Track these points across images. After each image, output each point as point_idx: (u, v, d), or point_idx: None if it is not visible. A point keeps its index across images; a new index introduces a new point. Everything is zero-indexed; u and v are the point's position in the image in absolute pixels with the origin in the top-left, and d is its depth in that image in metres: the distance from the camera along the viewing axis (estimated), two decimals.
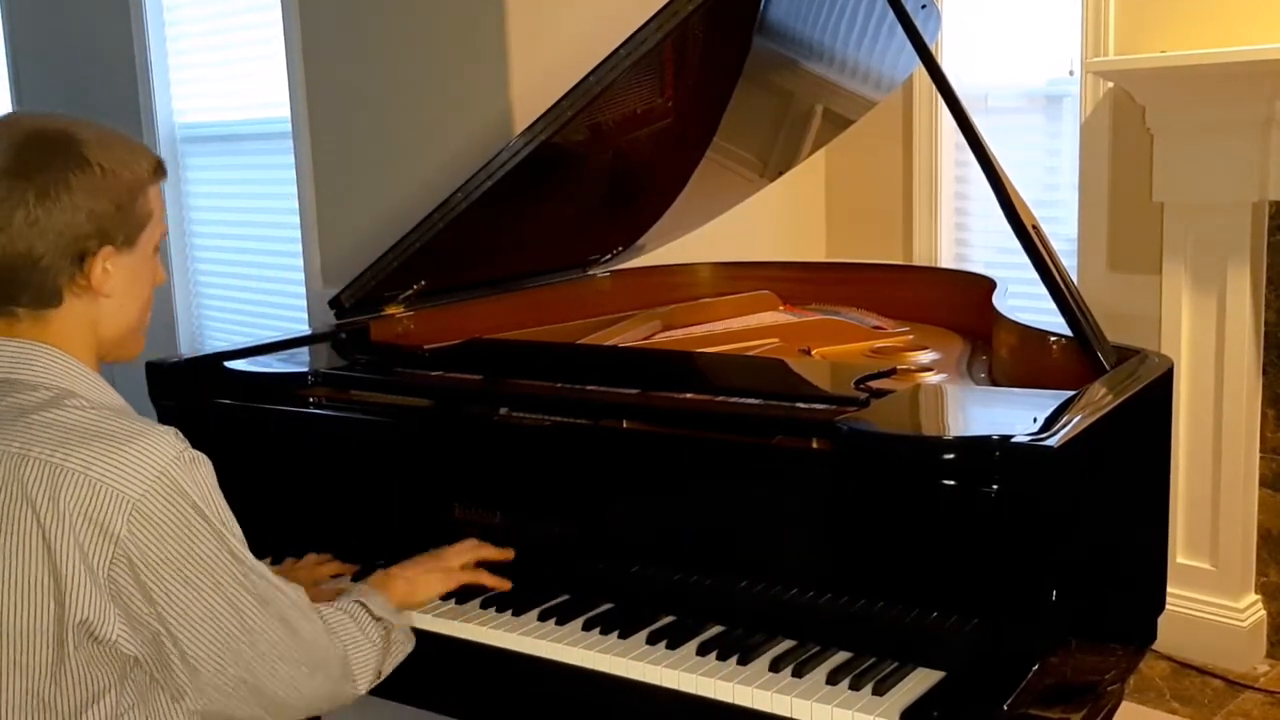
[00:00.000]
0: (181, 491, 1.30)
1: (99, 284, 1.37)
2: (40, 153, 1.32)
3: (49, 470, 1.26)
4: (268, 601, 1.38)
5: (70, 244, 1.33)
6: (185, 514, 1.30)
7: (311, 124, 3.65)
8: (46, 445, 1.27)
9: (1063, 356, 1.88)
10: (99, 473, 1.26)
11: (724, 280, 2.94)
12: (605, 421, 1.78)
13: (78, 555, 1.26)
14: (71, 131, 1.35)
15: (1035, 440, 1.42)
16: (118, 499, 1.26)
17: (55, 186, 1.31)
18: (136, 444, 1.29)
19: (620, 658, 1.57)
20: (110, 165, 1.35)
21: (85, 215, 1.33)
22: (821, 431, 1.58)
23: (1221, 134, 2.89)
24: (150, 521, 1.27)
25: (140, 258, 1.41)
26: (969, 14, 3.50)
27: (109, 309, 1.40)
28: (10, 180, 1.31)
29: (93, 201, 1.34)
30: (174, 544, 1.29)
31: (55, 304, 1.36)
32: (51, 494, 1.25)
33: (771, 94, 2.56)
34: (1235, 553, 3.05)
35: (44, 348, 1.36)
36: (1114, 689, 1.67)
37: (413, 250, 2.25)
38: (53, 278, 1.34)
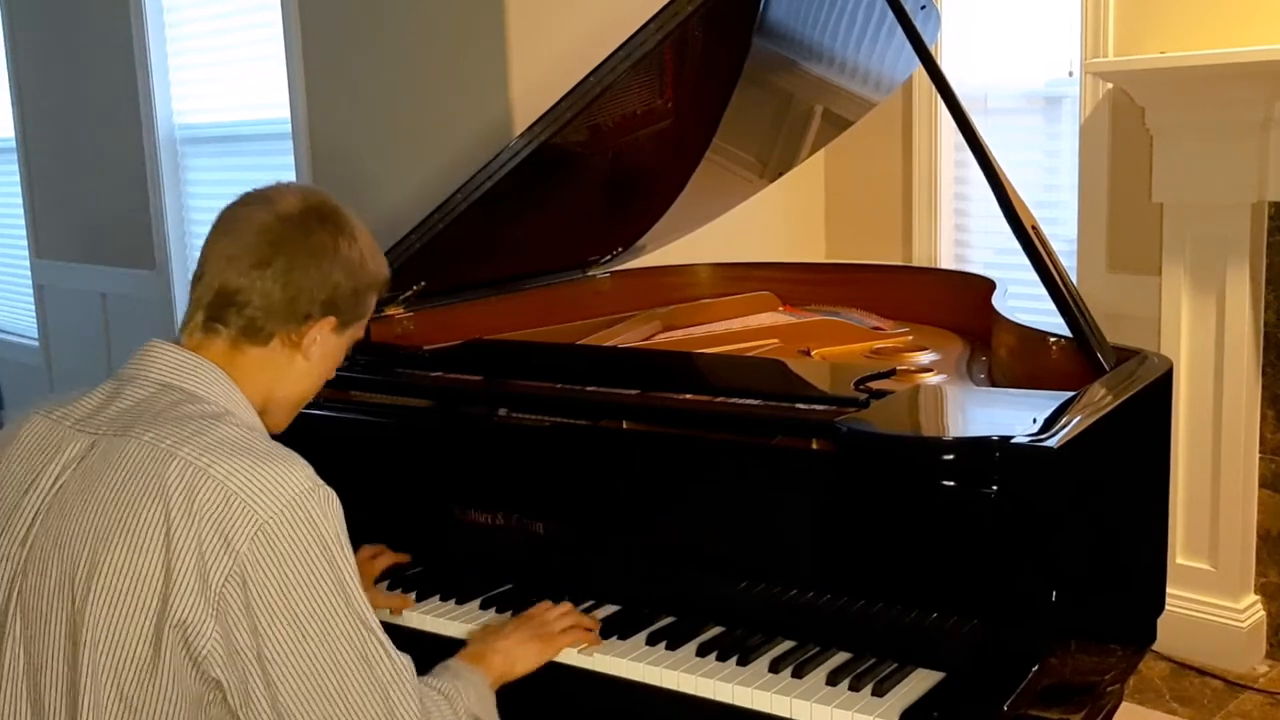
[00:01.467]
0: (311, 522, 1.28)
1: (306, 345, 1.45)
2: (319, 218, 1.45)
3: (191, 471, 1.27)
4: (372, 667, 1.30)
5: (307, 301, 1.43)
6: (310, 547, 1.27)
7: (311, 124, 3.65)
8: (195, 448, 1.29)
9: (1062, 357, 1.89)
10: (237, 484, 1.26)
11: (724, 281, 2.94)
12: (605, 422, 1.78)
13: (196, 559, 1.24)
14: (348, 217, 1.49)
15: (1035, 441, 1.42)
16: (248, 515, 1.25)
17: (324, 250, 1.43)
18: (278, 466, 1.29)
19: (620, 658, 1.58)
20: (367, 255, 1.49)
21: (331, 285, 1.44)
22: (821, 432, 1.58)
23: (1221, 135, 2.89)
24: (274, 545, 1.25)
25: (341, 343, 1.51)
26: (968, 15, 3.50)
27: (297, 368, 1.46)
28: (290, 228, 1.42)
29: (342, 277, 1.45)
30: (292, 576, 1.26)
31: (260, 344, 1.43)
32: (188, 494, 1.26)
33: (771, 95, 2.56)
34: (1235, 553, 3.05)
35: (217, 370, 1.41)
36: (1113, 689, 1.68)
37: (412, 250, 2.25)
38: (273, 321, 1.42)
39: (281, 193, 1.46)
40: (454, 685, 1.45)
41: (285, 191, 1.46)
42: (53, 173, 4.91)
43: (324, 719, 1.28)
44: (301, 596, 1.26)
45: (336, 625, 1.28)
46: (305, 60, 3.62)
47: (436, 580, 1.82)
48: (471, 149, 3.06)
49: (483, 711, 1.47)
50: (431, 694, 1.41)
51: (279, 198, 1.45)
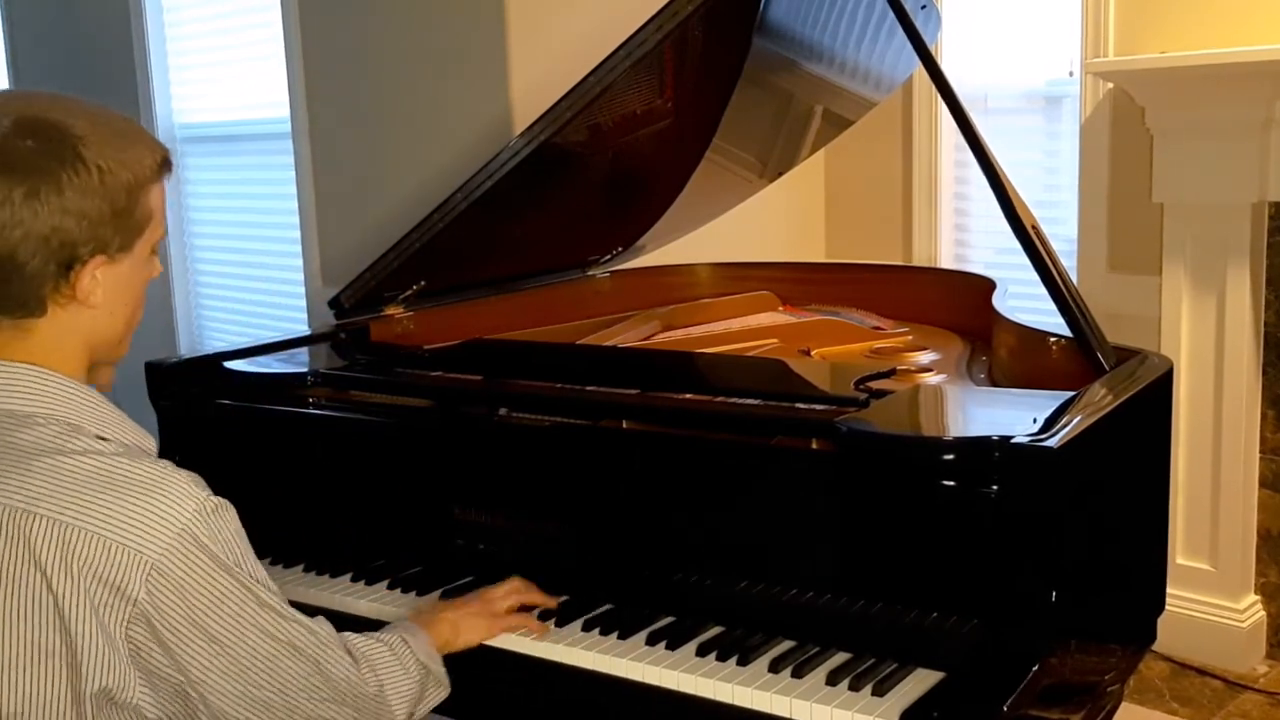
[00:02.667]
0: (203, 547, 1.20)
1: (85, 295, 1.25)
2: (30, 146, 1.19)
3: (59, 529, 1.15)
4: (299, 648, 1.29)
5: (57, 250, 1.21)
6: (208, 571, 1.20)
7: (311, 124, 3.65)
8: (55, 500, 1.16)
9: (1062, 357, 1.89)
10: (114, 531, 1.16)
11: (724, 281, 2.94)
12: (605, 421, 1.78)
13: (93, 619, 1.16)
14: (67, 124, 1.22)
15: (1035, 441, 1.42)
16: (135, 559, 1.16)
17: (45, 186, 1.19)
18: (154, 497, 1.18)
19: (620, 658, 1.57)
20: (108, 164, 1.22)
21: (76, 220, 1.21)
22: (821, 432, 1.58)
23: (1221, 135, 2.89)
24: (171, 581, 1.18)
25: (135, 263, 1.29)
26: (969, 14, 3.50)
27: (97, 318, 1.28)
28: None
29: (86, 205, 1.21)
30: (196, 601, 1.20)
31: (38, 314, 1.24)
32: (63, 555, 1.15)
33: (771, 95, 2.56)
34: (1235, 553, 3.05)
35: (32, 370, 1.24)
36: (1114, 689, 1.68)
37: (413, 250, 2.25)
38: (36, 286, 1.22)
39: None
40: (396, 637, 1.47)
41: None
42: None
43: (264, 708, 1.28)
44: (211, 613, 1.21)
45: (251, 626, 1.25)
46: (305, 60, 3.62)
47: (436, 580, 1.82)
48: (471, 149, 3.06)
49: (427, 660, 1.49)
50: (370, 644, 1.43)
51: None
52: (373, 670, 1.41)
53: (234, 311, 4.41)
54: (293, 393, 2.05)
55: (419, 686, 1.48)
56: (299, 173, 3.73)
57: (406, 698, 1.46)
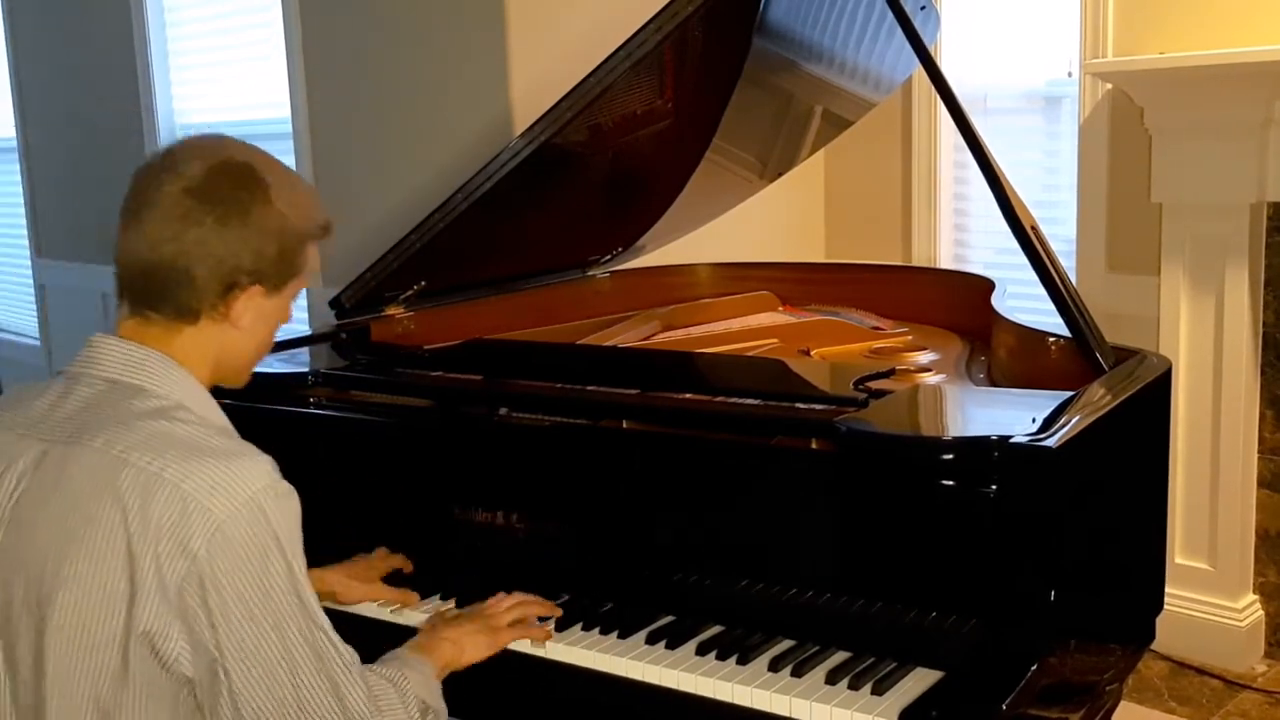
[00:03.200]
0: (267, 520, 1.28)
1: (235, 317, 1.40)
2: (229, 181, 1.38)
3: (145, 478, 1.26)
4: (322, 658, 1.33)
5: (226, 273, 1.38)
6: (265, 544, 1.27)
7: (311, 125, 3.65)
8: (147, 452, 1.27)
9: (1061, 357, 1.89)
10: (192, 487, 1.25)
11: (723, 281, 2.94)
12: (605, 421, 1.78)
13: (154, 566, 1.24)
14: (262, 169, 1.42)
15: (1034, 441, 1.42)
16: (204, 517, 1.25)
17: (233, 217, 1.37)
18: (233, 465, 1.28)
19: (620, 657, 1.58)
20: (289, 213, 1.42)
21: (251, 251, 1.38)
22: (821, 431, 1.58)
23: (1220, 135, 2.90)
24: (230, 545, 1.25)
25: (279, 303, 1.46)
26: (968, 15, 3.51)
27: (234, 339, 1.43)
28: (196, 200, 1.36)
29: (261, 241, 1.39)
30: (247, 572, 1.26)
31: (191, 321, 1.39)
32: (143, 502, 1.25)
33: (771, 95, 2.57)
34: (1233, 553, 3.06)
35: (163, 358, 1.38)
36: (1112, 689, 1.68)
37: (413, 251, 2.26)
38: (198, 298, 1.38)
39: (186, 156, 1.39)
40: (400, 672, 1.47)
41: (190, 154, 1.40)
42: (54, 172, 4.92)
43: (278, 705, 1.30)
44: (256, 590, 1.27)
45: (288, 616, 1.30)
46: (305, 60, 3.63)
47: (437, 580, 1.82)
48: (471, 149, 3.07)
49: (429, 697, 1.49)
50: (379, 682, 1.43)
51: (184, 164, 1.38)
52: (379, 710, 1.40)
53: None
54: (293, 392, 2.06)
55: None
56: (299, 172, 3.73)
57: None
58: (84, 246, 4.80)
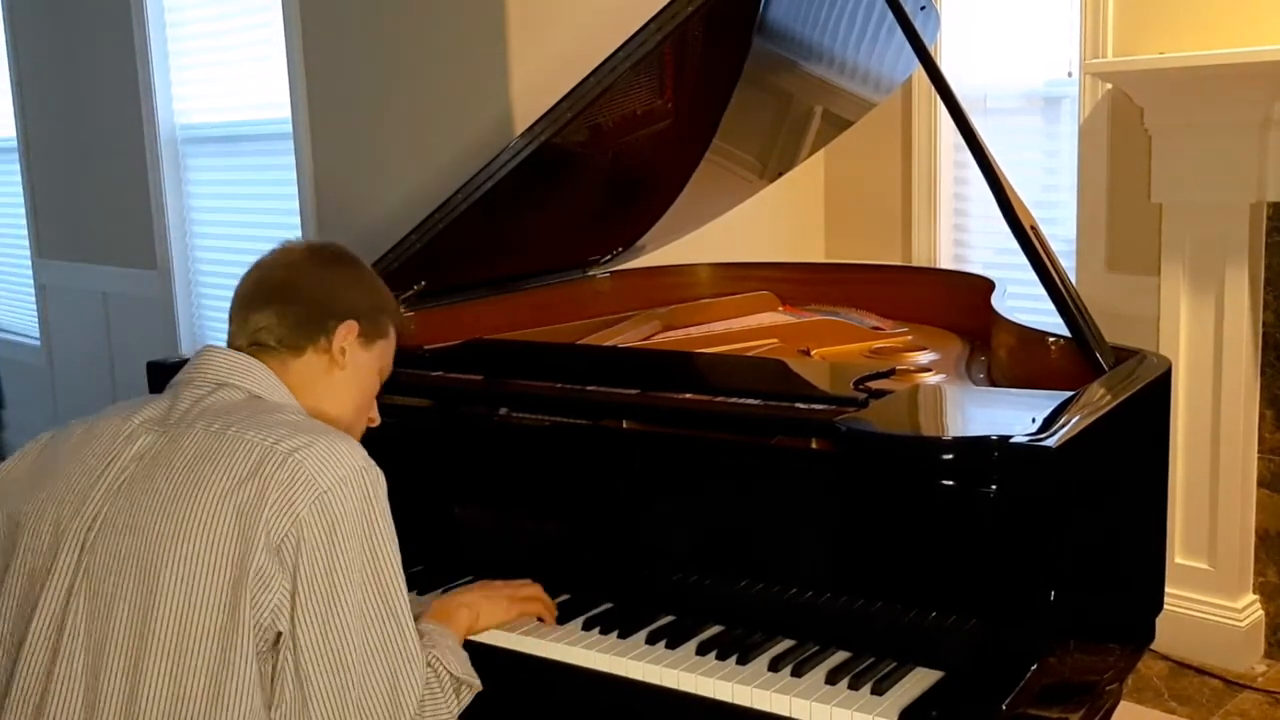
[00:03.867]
0: (369, 494, 1.38)
1: (336, 354, 1.55)
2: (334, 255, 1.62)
3: (259, 450, 1.36)
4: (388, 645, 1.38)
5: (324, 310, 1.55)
6: (360, 517, 1.36)
7: (311, 125, 3.65)
8: (260, 430, 1.38)
9: (1061, 357, 1.89)
10: (302, 456, 1.35)
11: (724, 281, 2.94)
12: (605, 421, 1.78)
13: (263, 525, 1.32)
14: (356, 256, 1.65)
15: (1034, 441, 1.43)
16: (310, 485, 1.34)
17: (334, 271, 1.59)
18: (338, 443, 1.39)
19: (620, 657, 1.58)
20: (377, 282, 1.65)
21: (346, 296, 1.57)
22: (821, 431, 1.58)
23: (1219, 135, 2.90)
24: (329, 513, 1.34)
25: (368, 363, 1.60)
26: (968, 15, 3.51)
27: (335, 383, 1.56)
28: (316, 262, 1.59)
29: (356, 294, 1.59)
30: (340, 542, 1.34)
31: (298, 354, 1.53)
32: (257, 470, 1.34)
33: (771, 95, 2.57)
34: (1233, 553, 3.06)
35: (269, 372, 1.51)
36: (1112, 689, 1.68)
37: (413, 250, 2.26)
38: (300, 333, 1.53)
39: (287, 250, 1.60)
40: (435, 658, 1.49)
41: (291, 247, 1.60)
42: (54, 173, 4.92)
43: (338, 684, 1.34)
44: (343, 559, 1.34)
45: (369, 596, 1.36)
46: (305, 60, 3.63)
47: (437, 579, 1.82)
48: (471, 149, 3.07)
49: (461, 671, 1.51)
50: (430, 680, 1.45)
51: (286, 254, 1.59)
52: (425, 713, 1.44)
53: None
54: None
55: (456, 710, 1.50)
56: (299, 173, 3.73)
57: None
58: (84, 246, 4.80)
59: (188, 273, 4.48)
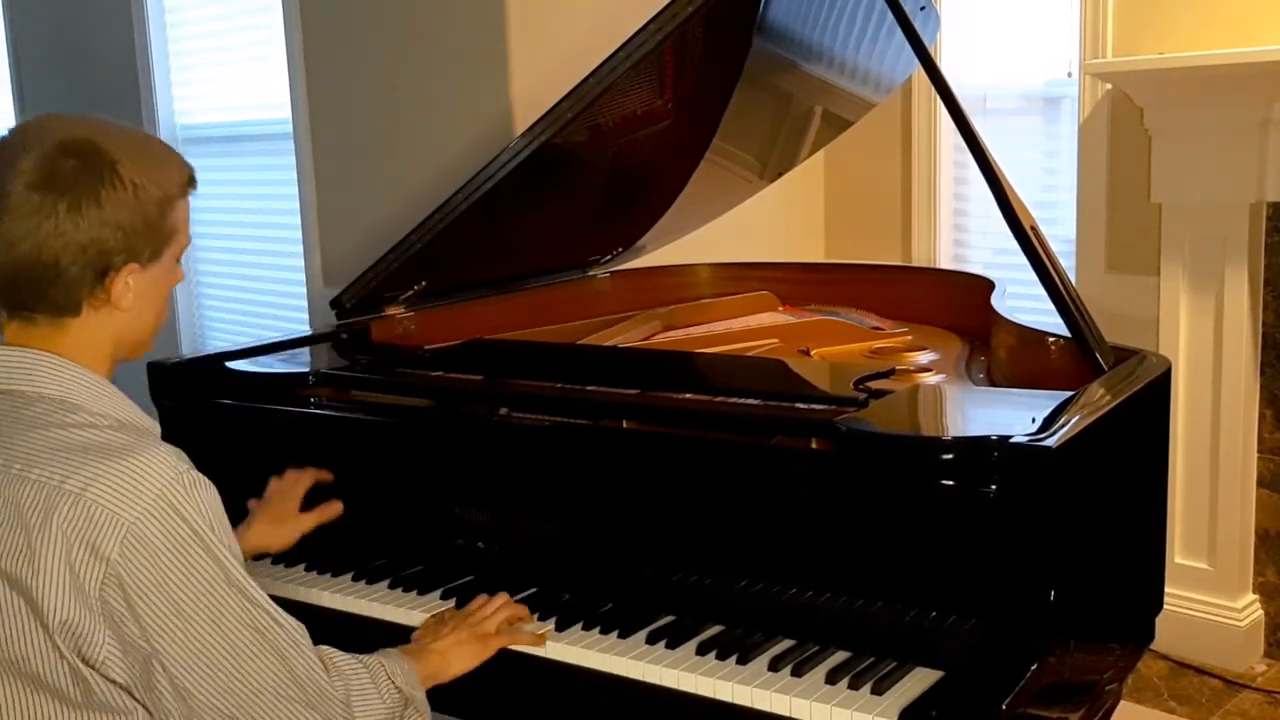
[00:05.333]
0: (180, 514, 1.26)
1: (118, 299, 1.35)
2: (72, 165, 1.30)
3: (46, 492, 1.24)
4: (265, 635, 1.32)
5: (95, 258, 1.32)
6: (182, 538, 1.26)
7: (312, 125, 3.65)
8: (46, 466, 1.26)
9: (1061, 357, 1.89)
10: (95, 494, 1.23)
11: (723, 281, 2.95)
12: (605, 421, 1.78)
13: (68, 577, 1.23)
14: (104, 145, 1.33)
15: (1033, 440, 1.43)
16: (112, 521, 1.23)
17: (85, 201, 1.30)
18: (134, 462, 1.26)
19: (620, 657, 1.58)
20: (142, 181, 1.34)
21: (113, 231, 1.32)
22: (821, 431, 1.58)
23: (1219, 135, 2.90)
24: (145, 545, 1.24)
25: (162, 270, 1.40)
26: (968, 15, 3.51)
27: (126, 320, 1.38)
28: (41, 192, 1.29)
29: (121, 217, 1.32)
30: (168, 569, 1.25)
31: (73, 314, 1.35)
32: (44, 516, 1.23)
33: (771, 95, 2.57)
34: (1233, 553, 3.06)
35: (47, 357, 1.34)
36: (1112, 688, 1.68)
37: (413, 251, 2.26)
38: (74, 289, 1.33)
39: (20, 149, 1.31)
40: (379, 661, 1.47)
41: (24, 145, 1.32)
42: None
43: (227, 691, 1.30)
44: (180, 584, 1.26)
45: (220, 604, 1.28)
46: (306, 60, 3.63)
47: (437, 579, 1.82)
48: (471, 149, 3.07)
49: (408, 689, 1.48)
50: (344, 658, 1.43)
51: (21, 158, 1.30)
52: (343, 681, 1.41)
53: (235, 312, 4.41)
54: (294, 393, 2.06)
55: (390, 715, 1.45)
56: (300, 173, 3.73)
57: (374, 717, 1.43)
58: None
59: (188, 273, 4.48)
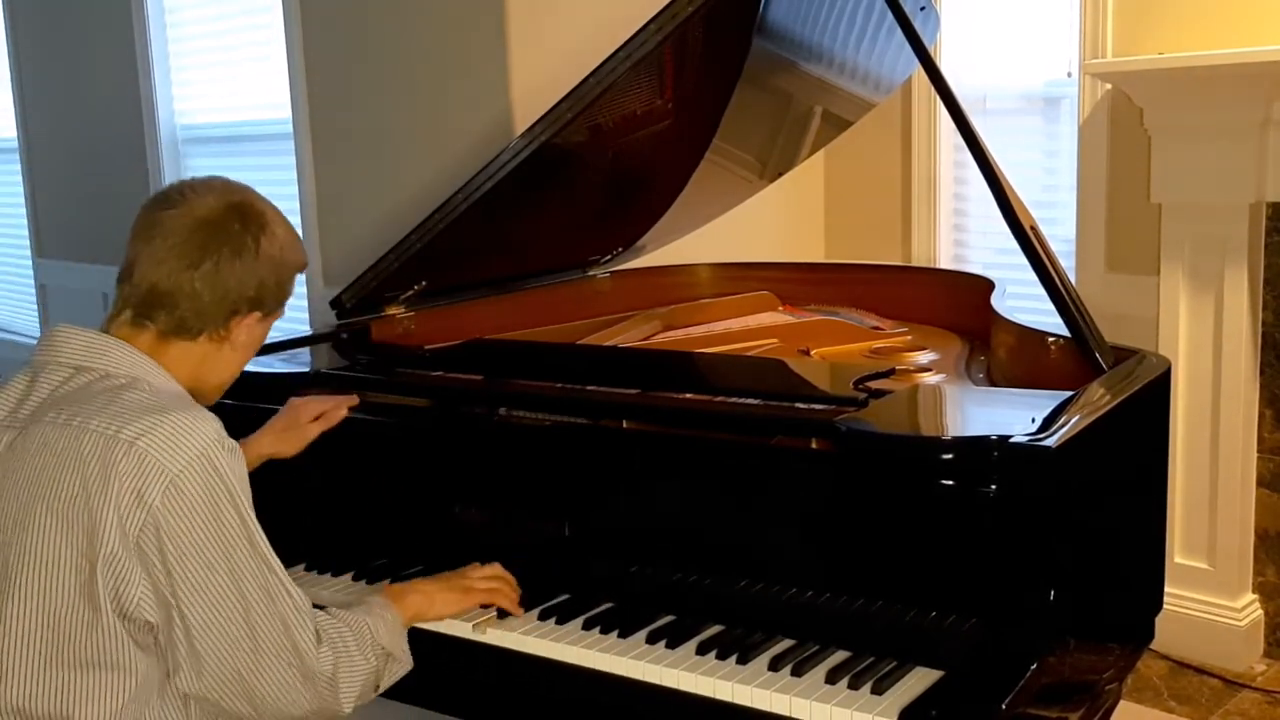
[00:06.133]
0: (219, 473, 1.39)
1: (234, 338, 1.54)
2: (239, 218, 1.52)
3: (104, 441, 1.36)
4: (274, 599, 1.43)
5: (234, 301, 1.52)
6: (218, 495, 1.39)
7: (312, 125, 3.65)
8: (105, 418, 1.38)
9: (1061, 357, 1.89)
10: (147, 444, 1.36)
11: (723, 281, 2.95)
12: (605, 421, 1.78)
13: (115, 519, 1.34)
14: (264, 209, 1.57)
15: (1033, 440, 1.43)
16: (159, 471, 1.35)
17: (247, 249, 1.51)
18: (183, 420, 1.39)
19: (620, 657, 1.58)
20: (285, 246, 1.57)
21: (256, 282, 1.53)
22: (821, 431, 1.59)
23: (1219, 135, 2.90)
24: (184, 496, 1.36)
25: (264, 329, 1.60)
26: (967, 16, 3.51)
27: (224, 358, 1.56)
28: (209, 234, 1.49)
29: (266, 273, 1.54)
30: (201, 521, 1.37)
31: (190, 338, 1.52)
32: (102, 462, 1.35)
33: (771, 96, 2.57)
34: (1233, 552, 3.06)
35: (123, 344, 1.48)
36: (1112, 688, 1.68)
37: (413, 251, 2.26)
38: (204, 318, 1.51)
39: (199, 192, 1.52)
40: (362, 620, 1.56)
41: (203, 191, 1.53)
42: (55, 172, 4.92)
43: (231, 644, 1.41)
44: (208, 536, 1.38)
45: (241, 562, 1.41)
46: (306, 60, 3.63)
47: None
48: (472, 149, 3.07)
49: (391, 644, 1.58)
50: (337, 626, 1.53)
51: (197, 198, 1.51)
52: (331, 653, 1.50)
53: None
54: (294, 392, 2.06)
55: (374, 675, 1.56)
56: (300, 173, 3.73)
57: (357, 687, 1.53)
58: (84, 246, 4.80)
59: None
